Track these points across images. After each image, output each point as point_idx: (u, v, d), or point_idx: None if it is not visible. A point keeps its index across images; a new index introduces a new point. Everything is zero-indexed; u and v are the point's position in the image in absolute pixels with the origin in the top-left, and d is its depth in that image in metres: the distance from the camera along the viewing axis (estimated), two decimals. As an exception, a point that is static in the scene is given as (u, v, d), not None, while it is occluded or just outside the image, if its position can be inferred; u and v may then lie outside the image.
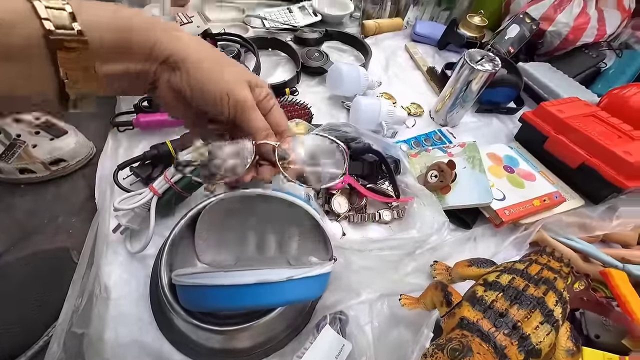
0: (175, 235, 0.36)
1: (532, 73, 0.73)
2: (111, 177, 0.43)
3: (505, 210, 0.46)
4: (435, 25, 0.88)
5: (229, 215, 0.39)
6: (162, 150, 0.45)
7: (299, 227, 0.38)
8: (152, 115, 0.50)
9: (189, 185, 0.41)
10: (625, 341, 0.35)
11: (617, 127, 0.54)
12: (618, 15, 0.78)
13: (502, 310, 0.30)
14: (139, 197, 0.39)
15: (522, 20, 0.78)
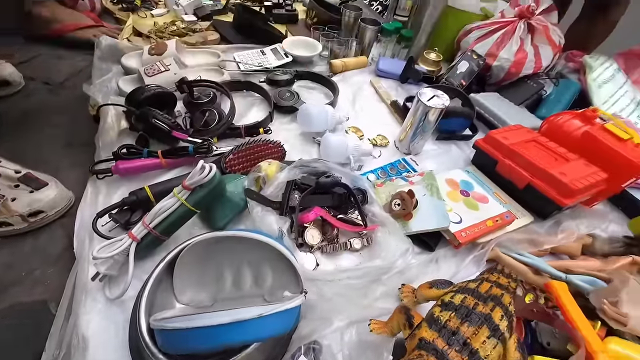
0: (154, 279, 0.39)
1: (482, 103, 0.82)
2: (90, 225, 0.44)
3: (462, 232, 0.51)
4: (396, 62, 0.97)
5: (206, 256, 0.41)
6: (140, 195, 0.48)
7: (272, 263, 0.41)
8: (130, 162, 0.53)
9: (167, 229, 0.44)
10: (569, 347, 0.39)
11: (554, 151, 0.61)
12: (550, 50, 0.89)
13: (454, 328, 0.33)
14: (118, 244, 0.41)
15: (470, 57, 0.88)
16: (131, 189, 0.49)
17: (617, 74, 0.89)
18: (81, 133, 0.62)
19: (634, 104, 0.86)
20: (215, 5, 1.11)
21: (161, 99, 0.62)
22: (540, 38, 0.89)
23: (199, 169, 0.43)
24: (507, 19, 0.91)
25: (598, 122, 0.63)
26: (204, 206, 0.46)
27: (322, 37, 0.96)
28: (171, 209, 0.43)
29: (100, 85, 0.68)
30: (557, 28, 0.92)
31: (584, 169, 0.57)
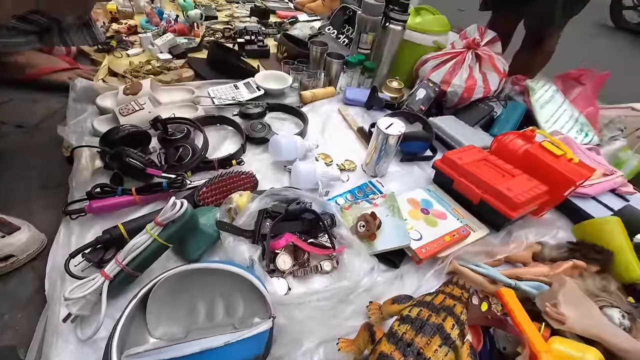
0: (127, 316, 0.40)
1: (440, 125, 0.90)
2: (62, 267, 0.45)
3: (422, 249, 0.55)
4: (362, 91, 1.05)
5: (179, 289, 0.43)
6: (114, 233, 0.49)
7: (244, 293, 0.43)
8: (104, 201, 0.55)
9: (140, 265, 0.45)
10: (519, 349, 0.43)
11: (501, 168, 0.68)
12: (497, 76, 1.00)
13: (409, 340, 0.36)
14: (91, 283, 0.42)
15: (427, 85, 0.97)
16: (105, 228, 0.50)
17: (556, 95, 1.00)
18: (55, 174, 0.63)
19: (572, 120, 0.96)
20: (190, 44, 1.17)
21: (136, 137, 0.65)
22: (486, 66, 1.00)
23: (171, 205, 0.45)
24: (457, 50, 1.01)
25: (537, 140, 0.71)
26: (176, 240, 0.48)
27: (292, 71, 1.03)
28: (144, 245, 0.45)
29: (74, 126, 0.70)
30: (500, 57, 1.03)
31: (526, 183, 0.64)
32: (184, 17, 1.33)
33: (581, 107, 1.00)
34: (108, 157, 0.60)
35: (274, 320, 0.39)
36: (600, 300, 0.50)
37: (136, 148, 0.63)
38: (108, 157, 0.61)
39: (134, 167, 0.59)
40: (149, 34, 1.13)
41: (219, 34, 1.31)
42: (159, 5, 1.42)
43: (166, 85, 0.90)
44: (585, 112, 0.99)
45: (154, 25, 1.26)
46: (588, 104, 1.00)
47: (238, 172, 0.65)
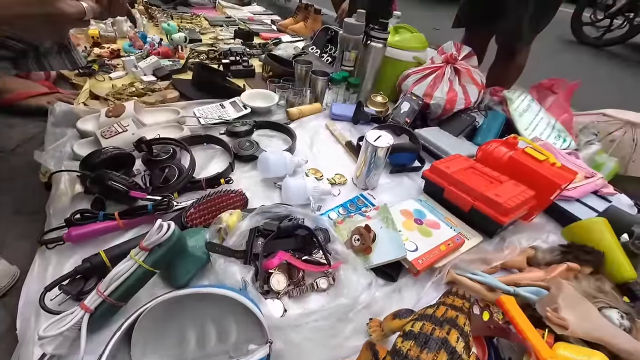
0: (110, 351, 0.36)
1: (426, 137, 0.92)
2: (37, 302, 0.42)
3: (418, 260, 0.54)
4: (348, 106, 1.06)
5: (167, 318, 0.40)
6: (95, 261, 0.46)
7: (237, 317, 0.41)
8: (84, 227, 0.52)
9: (124, 294, 0.42)
10: (525, 358, 0.42)
11: (489, 175, 0.69)
12: (476, 89, 1.04)
13: (414, 357, 0.35)
14: (69, 318, 0.39)
15: (410, 98, 0.99)
16: (85, 257, 0.47)
17: (532, 104, 1.05)
18: (31, 201, 0.60)
19: (550, 127, 1.01)
20: (174, 65, 1.17)
21: (119, 160, 0.63)
22: (465, 79, 1.04)
23: (157, 228, 0.43)
24: (437, 65, 1.05)
25: (519, 147, 0.73)
26: (163, 265, 0.45)
27: (278, 89, 1.04)
28: (128, 272, 0.42)
29: (53, 150, 0.67)
30: (478, 70, 1.08)
31: (514, 188, 0.65)
32: (168, 41, 1.34)
33: (556, 114, 1.05)
34: (89, 181, 0.58)
35: (271, 345, 0.37)
36: (597, 301, 0.50)
37: (119, 171, 0.60)
38: (89, 181, 0.58)
39: (117, 190, 0.57)
40: (132, 57, 1.13)
41: (204, 55, 1.33)
42: (142, 30, 1.43)
43: (150, 107, 0.89)
44: (561, 119, 1.03)
45: (137, 49, 1.26)
46: (562, 111, 1.05)
47: (227, 190, 0.63)
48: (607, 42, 2.79)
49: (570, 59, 2.61)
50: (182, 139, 0.73)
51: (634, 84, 2.22)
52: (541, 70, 1.61)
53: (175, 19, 1.74)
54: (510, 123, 1.02)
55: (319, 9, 1.90)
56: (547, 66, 2.12)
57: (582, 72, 2.23)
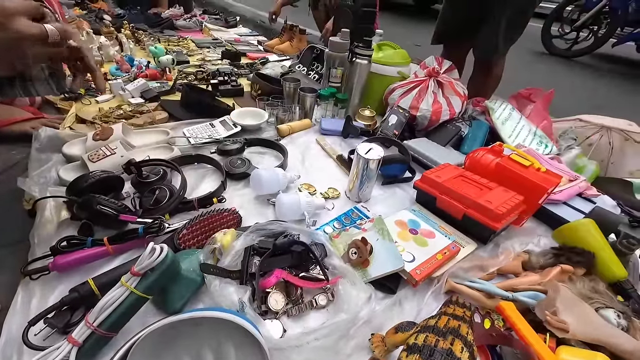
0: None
1: (415, 147, 0.94)
2: (20, 338, 0.39)
3: (416, 270, 0.54)
4: (337, 121, 1.08)
5: (161, 347, 0.38)
6: (83, 291, 0.44)
7: (235, 341, 0.39)
8: (71, 255, 0.50)
9: (115, 324, 0.40)
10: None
11: (478, 182, 0.71)
12: (459, 100, 1.08)
13: (420, 371, 0.34)
14: (55, 353, 0.36)
15: (397, 111, 1.02)
16: (72, 286, 0.45)
17: (513, 112, 1.09)
18: (12, 231, 0.57)
19: (531, 134, 1.04)
20: (162, 87, 1.17)
21: (107, 183, 0.61)
22: (448, 91, 1.08)
23: (149, 251, 0.42)
24: (420, 79, 1.09)
25: (505, 154, 0.75)
26: (156, 290, 0.43)
27: (267, 106, 1.06)
28: (119, 300, 0.40)
29: (37, 176, 0.65)
30: (459, 82, 1.12)
31: (504, 194, 0.66)
32: (155, 63, 1.35)
33: (536, 121, 1.09)
34: (76, 206, 0.56)
35: (273, 368, 0.35)
36: (593, 302, 0.50)
37: (108, 194, 0.59)
38: (76, 206, 0.56)
39: (106, 214, 0.55)
40: (120, 80, 1.13)
41: (192, 76, 1.34)
42: (129, 53, 1.43)
43: (139, 129, 0.88)
44: (541, 126, 1.08)
45: (124, 72, 1.26)
46: (542, 119, 1.10)
47: (220, 210, 0.62)
48: (576, 53, 2.97)
49: (543, 69, 2.76)
50: (172, 160, 0.72)
51: (606, 92, 2.35)
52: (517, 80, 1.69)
53: (162, 42, 1.75)
54: (494, 131, 1.06)
55: (303, 29, 1.96)
56: (522, 76, 2.22)
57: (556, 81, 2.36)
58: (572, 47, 2.99)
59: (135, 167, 0.66)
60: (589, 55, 2.97)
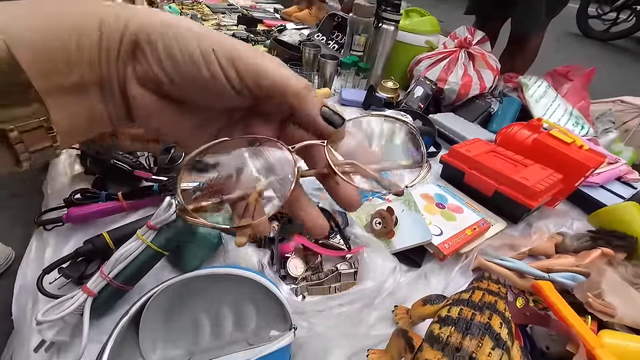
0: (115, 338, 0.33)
1: (441, 122, 0.88)
2: (34, 285, 0.38)
3: (444, 244, 0.51)
4: (358, 92, 1.03)
5: (178, 303, 0.36)
6: (97, 243, 0.42)
7: (255, 301, 0.37)
8: (86, 207, 0.48)
9: (130, 277, 0.38)
10: (569, 347, 0.38)
11: (512, 159, 0.66)
12: (491, 74, 1.00)
13: (457, 344, 0.31)
14: (70, 302, 0.35)
15: (424, 83, 0.96)
16: (86, 238, 0.43)
17: (549, 90, 1.01)
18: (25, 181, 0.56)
19: (567, 114, 0.97)
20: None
21: (121, 138, 0.58)
22: (480, 64, 1.00)
23: (166, 205, 0.39)
24: (450, 49, 1.02)
25: (543, 130, 0.70)
26: (172, 247, 0.41)
27: (285, 73, 1.00)
28: (135, 254, 0.38)
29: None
30: (492, 55, 1.04)
31: (541, 172, 0.62)
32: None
33: (573, 101, 1.01)
34: (90, 160, 0.54)
35: (295, 331, 0.33)
36: (637, 288, 0.46)
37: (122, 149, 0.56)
38: (90, 160, 0.54)
39: (120, 170, 0.52)
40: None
41: (207, 40, 1.28)
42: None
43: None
44: (578, 106, 1.00)
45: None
46: (579, 98, 1.02)
47: (237, 172, 0.59)
48: (614, 35, 2.77)
49: (576, 51, 2.58)
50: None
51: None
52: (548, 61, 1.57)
53: (177, 4, 1.68)
54: (526, 109, 0.99)
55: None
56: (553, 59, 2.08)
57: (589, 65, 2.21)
58: (610, 28, 2.78)
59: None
60: (628, 38, 2.76)
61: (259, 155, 0.18)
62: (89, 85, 0.15)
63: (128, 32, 0.15)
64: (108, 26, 0.14)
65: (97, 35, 0.14)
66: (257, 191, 0.18)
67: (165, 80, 0.15)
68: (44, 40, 0.13)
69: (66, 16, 0.14)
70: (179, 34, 0.15)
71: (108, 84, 0.15)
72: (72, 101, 0.15)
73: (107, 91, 0.16)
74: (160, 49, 0.15)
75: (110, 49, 0.15)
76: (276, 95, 0.16)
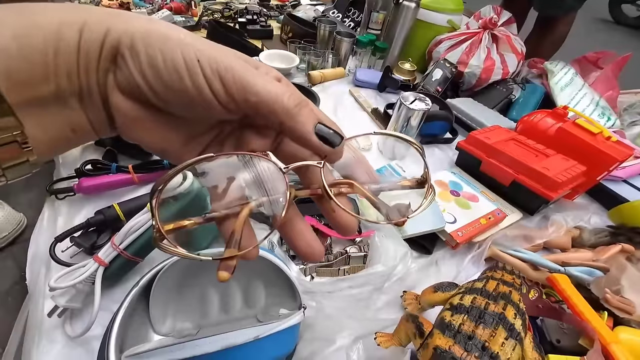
0: (126, 308, 0.33)
1: (459, 107, 0.84)
2: (47, 252, 0.38)
3: (458, 232, 0.50)
4: (373, 72, 0.99)
5: (188, 276, 0.36)
6: (108, 214, 0.42)
7: (265, 279, 0.37)
8: (96, 179, 0.48)
9: (141, 249, 0.38)
10: (581, 341, 0.38)
11: (533, 148, 0.63)
12: (515, 58, 0.95)
13: (469, 332, 0.31)
14: (82, 270, 0.35)
15: (443, 65, 0.91)
16: (97, 208, 0.43)
17: (576, 78, 0.96)
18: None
19: (593, 104, 0.92)
20: (188, 22, 1.09)
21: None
22: (504, 47, 0.95)
23: (176, 181, 0.39)
24: (473, 31, 0.96)
25: (569, 118, 0.66)
26: (183, 221, 0.41)
27: (298, 50, 0.97)
28: (145, 226, 0.38)
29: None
30: (518, 37, 0.98)
31: (563, 163, 0.59)
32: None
33: (601, 90, 0.96)
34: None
35: (305, 311, 0.33)
36: (657, 286, 0.45)
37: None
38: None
39: (131, 143, 0.52)
40: (144, 10, 1.05)
41: (218, 14, 1.24)
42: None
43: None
44: (606, 96, 0.95)
45: (147, 3, 1.17)
46: (608, 87, 0.96)
47: (248, 150, 0.58)
48: (647, 22, 2.60)
49: (606, 39, 2.44)
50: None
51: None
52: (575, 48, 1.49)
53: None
54: (549, 97, 0.94)
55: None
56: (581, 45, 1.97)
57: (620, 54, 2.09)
58: (643, 15, 2.61)
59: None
60: (663, 26, 2.59)
61: (249, 170, 0.17)
62: (67, 94, 0.14)
63: (110, 37, 0.14)
64: (89, 30, 0.13)
65: (76, 39, 0.13)
66: (244, 214, 0.16)
67: (147, 89, 0.14)
68: (21, 47, 0.12)
69: (47, 21, 0.13)
70: (163, 41, 0.14)
71: (87, 93, 0.14)
72: (49, 112, 0.14)
73: (87, 100, 0.14)
74: (142, 56, 0.14)
75: (90, 53, 0.13)
76: (264, 112, 0.15)
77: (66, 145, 0.15)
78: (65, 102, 0.14)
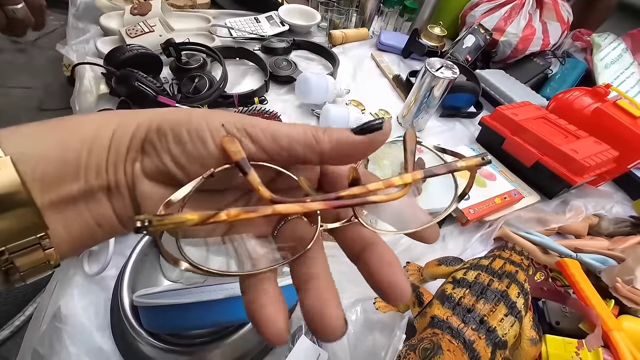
0: (138, 252, 0.35)
1: (488, 79, 0.79)
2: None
3: (470, 209, 0.48)
4: (399, 36, 0.92)
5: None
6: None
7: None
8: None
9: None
10: (582, 325, 0.38)
11: (564, 128, 0.59)
12: (559, 27, 0.86)
13: (469, 305, 0.31)
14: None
15: (477, 31, 0.83)
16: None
17: (625, 54, 0.86)
18: (54, 96, 0.56)
19: (639, 85, 0.84)
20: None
21: (145, 60, 0.56)
22: (549, 14, 0.85)
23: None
24: (516, -7, 0.86)
25: (610, 98, 0.61)
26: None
27: (320, 7, 0.90)
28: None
29: (76, 45, 0.61)
30: (565, 3, 0.88)
31: (594, 146, 0.55)
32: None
33: (651, 70, 0.87)
34: (114, 80, 0.52)
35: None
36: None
37: (146, 74, 0.54)
38: (114, 81, 0.52)
39: (144, 93, 0.51)
40: None
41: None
42: None
43: (179, 10, 0.79)
44: (655, 77, 0.86)
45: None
46: (660, 68, 0.86)
47: (261, 109, 0.56)
48: None
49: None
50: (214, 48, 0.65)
51: None
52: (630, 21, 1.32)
53: None
54: (589, 75, 0.86)
55: None
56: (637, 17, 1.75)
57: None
58: None
59: (174, 48, 0.59)
60: None
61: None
62: (95, 189, 0.14)
63: (138, 130, 0.14)
64: (121, 127, 0.14)
65: (109, 136, 0.14)
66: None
67: (173, 165, 0.14)
68: (61, 153, 0.13)
69: (87, 126, 0.14)
70: (187, 119, 0.14)
71: (115, 185, 0.14)
72: (76, 208, 0.14)
73: (115, 192, 0.15)
74: (169, 135, 0.14)
75: (120, 147, 0.14)
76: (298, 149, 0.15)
77: (91, 240, 0.15)
78: (93, 197, 0.14)
